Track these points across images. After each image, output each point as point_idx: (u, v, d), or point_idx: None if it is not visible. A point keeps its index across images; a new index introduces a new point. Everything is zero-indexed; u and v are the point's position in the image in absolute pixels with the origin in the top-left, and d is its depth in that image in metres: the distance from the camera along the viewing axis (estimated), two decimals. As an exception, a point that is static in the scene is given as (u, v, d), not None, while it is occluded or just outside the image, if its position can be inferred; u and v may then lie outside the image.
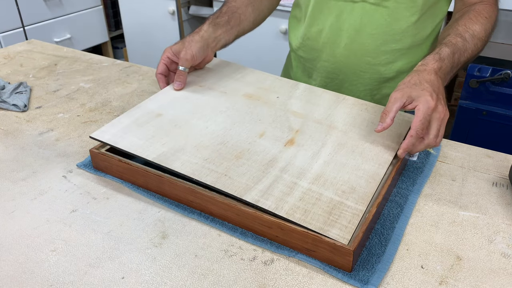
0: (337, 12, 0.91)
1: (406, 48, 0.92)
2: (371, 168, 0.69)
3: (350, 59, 0.93)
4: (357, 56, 0.93)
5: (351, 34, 0.91)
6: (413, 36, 0.91)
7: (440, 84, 0.71)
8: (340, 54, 0.94)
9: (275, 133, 0.76)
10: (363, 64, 0.93)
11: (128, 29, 2.88)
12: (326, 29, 0.93)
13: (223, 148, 0.72)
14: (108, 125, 0.78)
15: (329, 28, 0.93)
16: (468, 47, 0.79)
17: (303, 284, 0.56)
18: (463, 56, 0.78)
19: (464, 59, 0.79)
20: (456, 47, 0.77)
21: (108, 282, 0.56)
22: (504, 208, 0.69)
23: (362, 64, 0.93)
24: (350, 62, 0.94)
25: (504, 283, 0.56)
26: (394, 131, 0.78)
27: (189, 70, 0.91)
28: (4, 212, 0.68)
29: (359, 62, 0.93)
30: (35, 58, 1.27)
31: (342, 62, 0.94)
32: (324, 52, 0.96)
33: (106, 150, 0.75)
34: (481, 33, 0.81)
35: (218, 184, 0.65)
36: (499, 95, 1.68)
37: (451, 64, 0.75)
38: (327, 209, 0.61)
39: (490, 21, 0.84)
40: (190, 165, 0.68)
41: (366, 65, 0.93)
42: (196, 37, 0.89)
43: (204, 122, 0.79)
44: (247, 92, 0.89)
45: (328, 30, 0.93)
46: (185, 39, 0.90)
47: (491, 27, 0.84)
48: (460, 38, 0.79)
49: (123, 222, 0.66)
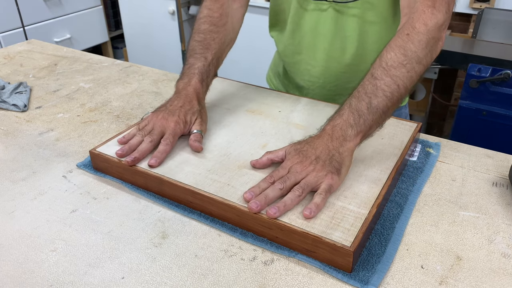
0: (315, 18, 0.92)
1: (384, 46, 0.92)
2: (373, 174, 0.69)
3: (330, 62, 0.95)
4: (337, 59, 0.94)
5: (329, 39, 0.92)
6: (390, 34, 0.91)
7: (331, 150, 0.67)
8: (321, 58, 0.95)
9: (277, 144, 0.77)
10: (343, 66, 0.95)
11: (128, 29, 2.88)
12: (307, 35, 0.95)
13: (226, 159, 0.73)
14: (113, 140, 0.78)
15: (309, 34, 0.94)
16: (383, 83, 0.69)
17: (303, 284, 0.56)
18: (378, 96, 0.69)
19: (381, 99, 0.69)
20: (362, 97, 0.69)
21: (108, 282, 0.56)
22: (504, 208, 0.69)
23: (342, 66, 0.95)
24: (330, 65, 0.95)
25: (504, 283, 0.56)
26: (396, 139, 0.78)
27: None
28: (4, 212, 0.68)
29: (338, 65, 0.95)
30: (35, 58, 1.27)
31: (323, 65, 0.96)
32: (305, 55, 0.97)
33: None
34: (398, 58, 0.70)
35: (221, 193, 0.65)
36: (499, 95, 1.68)
37: (361, 117, 0.68)
38: (330, 214, 0.61)
39: (413, 36, 0.71)
40: (193, 175, 0.69)
41: (346, 67, 0.95)
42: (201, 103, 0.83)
43: (207, 135, 0.80)
44: (249, 107, 0.90)
45: (309, 36, 0.94)
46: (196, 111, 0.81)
47: (419, 41, 0.71)
48: (370, 80, 0.70)
49: (123, 222, 0.66)
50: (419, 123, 0.83)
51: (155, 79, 1.14)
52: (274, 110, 0.90)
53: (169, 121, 0.77)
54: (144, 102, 1.02)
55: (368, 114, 0.68)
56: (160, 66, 2.48)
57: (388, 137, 0.79)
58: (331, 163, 0.65)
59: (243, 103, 0.92)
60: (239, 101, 0.93)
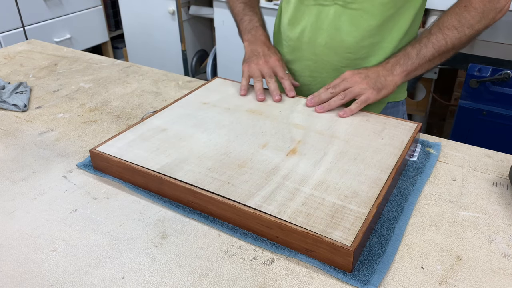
0: (316, 13, 0.94)
1: (384, 42, 0.94)
2: (373, 174, 0.70)
3: (331, 56, 0.96)
4: (338, 53, 0.95)
5: (331, 33, 0.94)
6: (390, 30, 0.93)
7: (380, 76, 0.87)
8: (321, 52, 0.96)
9: (277, 144, 0.77)
10: (343, 60, 0.96)
11: (128, 29, 2.88)
12: (307, 30, 0.96)
13: (226, 158, 0.73)
14: (113, 139, 0.79)
15: (309, 28, 0.96)
16: (434, 38, 0.86)
17: (303, 284, 0.56)
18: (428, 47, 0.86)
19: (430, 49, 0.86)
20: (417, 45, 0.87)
21: (108, 282, 0.56)
22: (504, 208, 0.69)
23: (342, 60, 0.96)
24: (331, 59, 0.96)
25: (504, 283, 0.56)
26: (396, 139, 0.78)
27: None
28: (4, 212, 0.68)
29: (340, 58, 0.96)
30: (35, 58, 1.27)
31: (324, 60, 0.97)
32: (306, 51, 0.99)
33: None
34: (453, 22, 0.85)
35: (221, 191, 0.65)
36: (499, 95, 1.68)
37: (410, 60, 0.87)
38: (330, 213, 0.61)
39: (469, 9, 0.84)
40: (193, 174, 0.69)
41: (347, 61, 0.96)
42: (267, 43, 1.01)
43: (207, 135, 0.80)
44: (250, 108, 0.90)
45: (309, 30, 0.96)
46: (262, 51, 0.99)
47: (474, 12, 0.84)
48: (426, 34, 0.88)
49: (123, 222, 0.66)
50: (419, 123, 0.83)
51: (155, 79, 1.14)
52: (274, 110, 0.90)
53: (272, 60, 0.96)
54: (144, 102, 1.02)
55: (415, 59, 0.87)
56: (160, 66, 2.48)
57: (388, 137, 0.80)
58: (376, 83, 0.86)
59: (243, 103, 0.92)
60: (239, 101, 0.93)
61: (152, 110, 0.98)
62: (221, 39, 2.53)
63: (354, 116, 0.86)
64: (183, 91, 1.07)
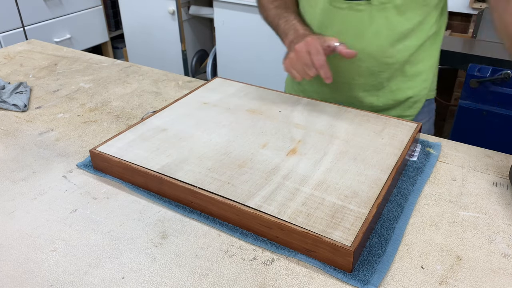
0: (349, 18, 0.90)
1: (418, 44, 0.92)
2: (373, 174, 0.70)
3: (366, 62, 0.93)
4: (374, 57, 0.92)
5: (367, 38, 0.90)
6: (425, 31, 0.91)
7: None
8: (357, 59, 0.90)
9: (277, 144, 0.77)
10: (381, 65, 0.93)
11: (128, 29, 2.88)
12: (341, 35, 0.90)
13: (226, 158, 0.74)
14: (113, 139, 0.79)
15: (343, 33, 0.91)
16: None
17: (303, 284, 0.56)
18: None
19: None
20: None
21: (108, 282, 0.56)
22: (504, 208, 0.69)
23: (380, 64, 0.93)
24: (368, 64, 0.93)
25: (504, 283, 0.56)
26: (396, 139, 0.78)
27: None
28: (4, 212, 0.68)
29: (377, 63, 0.93)
30: (35, 58, 1.27)
31: (358, 65, 0.94)
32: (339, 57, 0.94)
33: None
34: None
35: (221, 192, 0.66)
36: (499, 95, 1.68)
37: None
38: (330, 213, 0.61)
39: None
40: (194, 174, 0.69)
41: (384, 65, 0.93)
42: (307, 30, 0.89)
43: (207, 135, 0.80)
44: (250, 107, 0.90)
45: (343, 35, 0.91)
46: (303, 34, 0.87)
47: None
48: None
49: (123, 222, 0.66)
50: (419, 123, 0.83)
51: (155, 79, 1.14)
52: (274, 110, 0.90)
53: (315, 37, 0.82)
54: (144, 102, 1.02)
55: None
56: (160, 66, 2.48)
57: (388, 137, 0.80)
58: None
59: (243, 103, 0.92)
60: (239, 101, 0.93)
61: (152, 110, 0.98)
62: (221, 39, 2.53)
63: (354, 116, 0.86)
64: (183, 91, 1.07)
